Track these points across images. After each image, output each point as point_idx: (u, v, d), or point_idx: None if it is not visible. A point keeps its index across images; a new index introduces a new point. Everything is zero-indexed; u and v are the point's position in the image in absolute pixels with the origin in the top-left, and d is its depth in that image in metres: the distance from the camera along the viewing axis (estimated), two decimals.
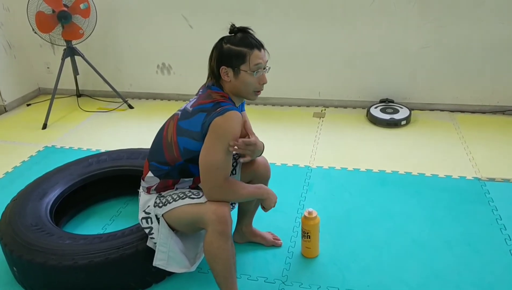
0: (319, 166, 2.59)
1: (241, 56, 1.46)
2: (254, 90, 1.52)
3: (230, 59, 1.47)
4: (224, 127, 1.44)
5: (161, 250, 1.58)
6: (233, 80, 1.50)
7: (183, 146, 1.52)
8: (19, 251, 1.64)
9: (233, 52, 1.47)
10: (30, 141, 3.12)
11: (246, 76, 1.48)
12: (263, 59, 1.49)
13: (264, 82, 1.52)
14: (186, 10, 3.36)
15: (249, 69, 1.47)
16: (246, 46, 1.47)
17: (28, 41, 3.77)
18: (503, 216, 2.05)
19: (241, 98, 1.57)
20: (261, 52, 1.49)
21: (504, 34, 2.94)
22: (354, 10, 3.10)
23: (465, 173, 2.43)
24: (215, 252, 1.47)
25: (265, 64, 1.51)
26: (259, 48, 1.49)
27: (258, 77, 1.50)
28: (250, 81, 1.49)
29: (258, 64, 1.47)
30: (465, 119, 3.11)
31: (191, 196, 1.53)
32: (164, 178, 1.60)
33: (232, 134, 1.45)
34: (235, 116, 1.46)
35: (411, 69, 3.20)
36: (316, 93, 3.47)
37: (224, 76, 1.50)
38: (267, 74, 1.54)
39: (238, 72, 1.48)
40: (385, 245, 1.91)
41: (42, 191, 1.99)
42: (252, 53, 1.47)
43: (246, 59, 1.46)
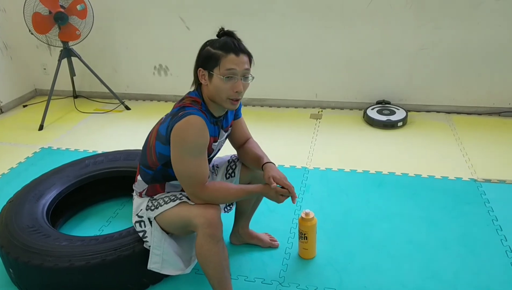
0: (316, 167, 2.59)
1: (215, 59, 1.40)
2: (228, 98, 1.43)
3: (206, 62, 1.43)
4: (182, 134, 1.40)
5: (155, 253, 1.57)
6: (209, 84, 1.44)
7: (158, 150, 1.52)
8: (16, 252, 1.63)
9: (210, 55, 1.42)
10: (27, 142, 3.11)
11: (217, 81, 1.41)
12: (238, 65, 1.40)
13: (237, 90, 1.41)
14: (183, 11, 3.36)
15: (219, 73, 1.40)
16: (223, 49, 1.40)
17: (24, 42, 3.76)
18: (499, 217, 2.06)
19: (219, 105, 1.48)
20: (238, 57, 1.40)
21: (500, 36, 2.96)
22: (351, 12, 3.11)
23: (461, 174, 2.44)
24: (206, 256, 1.47)
25: (242, 71, 1.41)
26: (237, 53, 1.40)
27: (230, 83, 1.41)
28: (221, 86, 1.41)
29: (231, 69, 1.39)
30: (461, 121, 3.12)
31: (182, 198, 1.52)
32: (151, 183, 1.61)
33: (190, 141, 1.40)
34: (194, 121, 1.39)
35: (408, 70, 3.21)
36: (313, 95, 3.47)
37: (201, 78, 1.46)
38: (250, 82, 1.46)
39: (212, 76, 1.42)
40: (382, 246, 1.92)
41: (38, 192, 1.98)
42: (226, 57, 1.39)
43: (219, 62, 1.39)
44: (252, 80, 1.49)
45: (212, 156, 1.66)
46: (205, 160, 1.49)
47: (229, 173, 1.75)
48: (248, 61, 1.45)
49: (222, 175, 1.76)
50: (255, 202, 1.85)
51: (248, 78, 1.46)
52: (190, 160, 1.43)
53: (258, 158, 1.64)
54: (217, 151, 1.65)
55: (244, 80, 1.44)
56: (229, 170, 1.75)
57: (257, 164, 1.64)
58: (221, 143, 1.66)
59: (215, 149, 1.62)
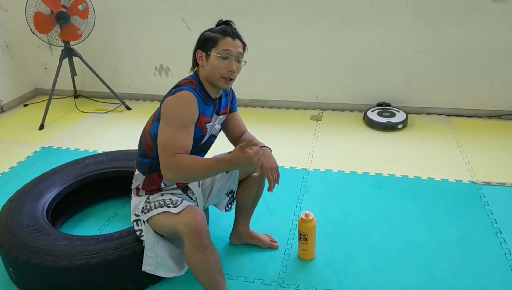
0: (316, 169, 2.59)
1: (212, 41, 1.51)
2: (222, 76, 1.53)
3: (204, 44, 1.53)
4: (170, 105, 1.48)
5: (149, 256, 1.58)
6: (206, 64, 1.54)
7: (153, 132, 1.56)
8: (15, 251, 1.63)
9: (208, 37, 1.53)
10: (27, 141, 3.11)
11: (214, 60, 1.51)
12: (234, 47, 1.52)
13: (232, 69, 1.52)
14: (184, 12, 3.36)
15: (217, 52, 1.50)
16: (221, 33, 1.52)
17: (25, 42, 3.76)
18: (499, 220, 2.06)
19: (214, 86, 1.56)
20: (234, 41, 1.52)
21: (500, 40, 2.97)
22: (351, 14, 3.11)
23: (461, 176, 2.44)
24: (194, 264, 1.47)
25: (236, 54, 1.52)
26: (233, 37, 1.52)
27: (225, 62, 1.51)
28: (217, 64, 1.51)
29: (227, 50, 1.50)
30: (461, 123, 3.13)
31: (169, 205, 1.52)
32: (149, 172, 1.62)
33: (176, 111, 1.47)
34: (183, 95, 1.48)
35: (408, 73, 3.22)
36: (313, 96, 3.48)
37: (199, 60, 1.56)
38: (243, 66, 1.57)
39: (209, 56, 1.52)
40: (381, 248, 1.92)
41: (38, 191, 1.99)
42: (224, 39, 1.51)
43: (217, 43, 1.51)
44: (244, 64, 1.59)
45: (206, 140, 1.64)
46: (188, 135, 1.50)
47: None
48: (242, 46, 1.56)
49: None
50: (254, 198, 1.85)
51: (241, 62, 1.57)
52: (171, 129, 1.47)
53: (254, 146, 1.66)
54: (210, 135, 1.65)
55: (237, 63, 1.55)
56: None
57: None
58: (215, 128, 1.66)
59: (209, 131, 1.62)
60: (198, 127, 1.55)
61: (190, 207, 1.49)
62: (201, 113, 1.53)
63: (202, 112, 1.55)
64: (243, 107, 3.61)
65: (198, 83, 1.56)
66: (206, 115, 1.58)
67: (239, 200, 1.85)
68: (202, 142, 1.62)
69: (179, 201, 1.53)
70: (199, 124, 1.55)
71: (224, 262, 1.86)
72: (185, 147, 1.49)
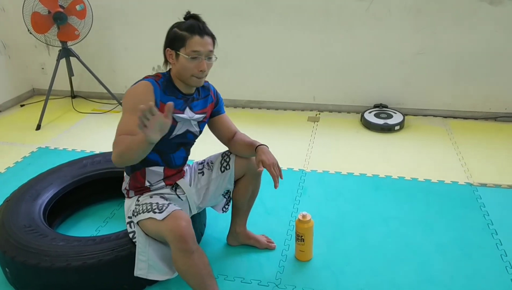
0: (313, 170, 2.60)
1: (181, 40, 1.50)
2: (192, 75, 1.52)
3: (173, 42, 1.52)
4: (126, 94, 1.52)
5: (140, 259, 1.57)
6: (176, 63, 1.53)
7: None
8: (12, 252, 1.63)
9: (176, 36, 1.51)
10: (24, 141, 3.10)
11: (184, 60, 1.50)
12: (203, 46, 1.49)
13: (201, 69, 1.51)
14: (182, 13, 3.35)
15: (185, 53, 1.49)
16: (189, 31, 1.50)
17: (23, 42, 3.75)
18: (495, 221, 2.07)
19: (186, 84, 1.57)
20: (202, 38, 1.49)
21: (497, 42, 2.98)
22: (349, 16, 3.12)
23: (457, 178, 2.45)
24: (182, 270, 1.48)
25: (206, 52, 1.50)
26: (201, 35, 1.50)
27: (195, 63, 1.50)
28: (186, 65, 1.50)
29: (196, 50, 1.48)
30: (457, 125, 3.14)
31: (154, 210, 1.51)
32: (132, 171, 1.63)
33: (128, 96, 1.50)
34: (139, 84, 1.51)
35: (405, 74, 3.23)
36: (310, 98, 3.48)
37: (169, 58, 1.55)
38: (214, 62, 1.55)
39: (178, 56, 1.51)
40: (378, 249, 1.92)
41: (35, 192, 1.98)
42: (192, 39, 1.49)
43: (185, 43, 1.49)
44: (215, 60, 1.57)
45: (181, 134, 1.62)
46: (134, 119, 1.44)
47: (223, 166, 1.77)
48: (211, 42, 1.54)
49: (217, 169, 1.78)
50: (250, 198, 1.85)
51: (211, 59, 1.55)
52: (124, 116, 1.50)
53: (250, 144, 1.68)
54: (186, 131, 1.63)
55: (207, 60, 1.53)
56: (224, 163, 1.77)
57: (250, 150, 1.67)
58: (191, 125, 1.64)
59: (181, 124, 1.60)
60: None
61: (174, 213, 1.47)
62: (160, 101, 1.51)
63: (164, 101, 1.50)
64: (240, 108, 3.61)
65: (166, 78, 1.57)
66: (175, 108, 1.55)
67: (236, 200, 1.86)
68: (174, 134, 1.59)
69: (165, 205, 1.52)
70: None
71: (221, 263, 1.86)
72: (131, 130, 1.42)
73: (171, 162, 1.68)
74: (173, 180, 1.71)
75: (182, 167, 1.75)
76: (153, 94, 1.51)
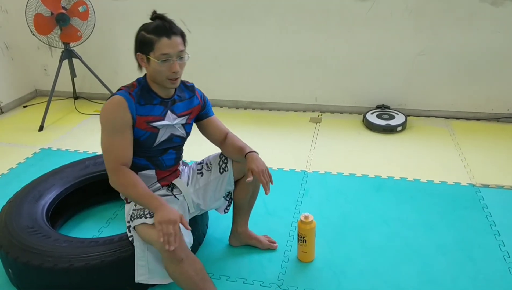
0: (315, 171, 2.60)
1: (149, 44, 1.47)
2: (167, 78, 1.50)
3: (142, 46, 1.50)
4: (102, 111, 1.50)
5: (140, 264, 1.56)
6: (148, 67, 1.52)
7: None
8: (15, 253, 1.63)
9: (145, 40, 1.48)
10: (27, 143, 3.11)
11: (155, 64, 1.48)
12: (173, 47, 1.46)
13: (174, 70, 1.48)
14: (184, 14, 3.37)
15: (155, 57, 1.47)
16: (155, 33, 1.46)
17: (25, 43, 3.77)
18: (497, 222, 2.07)
19: (162, 86, 1.55)
20: (170, 40, 1.46)
21: (498, 43, 2.98)
22: (351, 17, 3.12)
23: (460, 179, 2.45)
24: (174, 277, 1.48)
25: (176, 53, 1.47)
26: (168, 35, 1.46)
27: (166, 66, 1.47)
28: (158, 69, 1.48)
29: (165, 53, 1.46)
30: (460, 126, 3.14)
31: (146, 215, 1.51)
32: None
33: (104, 117, 1.49)
34: (113, 99, 1.50)
35: (407, 75, 3.23)
36: (312, 99, 3.48)
37: (141, 62, 1.53)
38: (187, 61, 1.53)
39: (149, 60, 1.49)
40: (380, 250, 1.92)
41: (38, 193, 1.99)
42: (159, 42, 1.45)
43: (153, 47, 1.46)
44: (188, 59, 1.53)
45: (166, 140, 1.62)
46: (124, 139, 1.50)
47: (222, 168, 1.76)
48: (181, 42, 1.50)
49: (216, 171, 1.77)
50: (251, 198, 1.85)
51: (183, 58, 1.52)
52: (106, 136, 1.50)
53: (239, 149, 1.68)
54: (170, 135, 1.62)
55: (180, 60, 1.50)
56: (222, 165, 1.76)
57: (240, 155, 1.67)
58: (176, 129, 1.63)
59: (164, 130, 1.59)
60: (140, 129, 1.53)
61: None
62: (136, 115, 1.51)
63: (141, 113, 1.52)
64: (242, 109, 3.61)
65: (142, 84, 1.56)
66: (150, 115, 1.55)
67: (236, 200, 1.85)
68: (158, 141, 1.59)
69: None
70: (138, 125, 1.53)
71: (223, 264, 1.87)
72: (125, 155, 1.51)
73: (161, 164, 1.67)
74: (169, 180, 1.71)
75: (175, 167, 1.73)
76: (128, 110, 1.49)
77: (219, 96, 3.64)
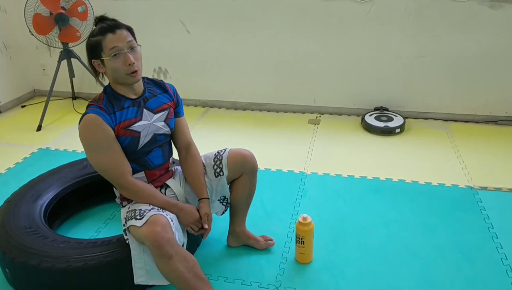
0: (313, 173, 2.60)
1: (97, 46, 1.47)
2: (126, 73, 1.49)
3: (93, 52, 1.50)
4: (80, 134, 1.51)
5: (137, 266, 1.54)
6: (106, 70, 1.52)
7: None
8: (12, 253, 1.63)
9: (92, 44, 1.49)
10: (24, 142, 3.10)
11: (109, 63, 1.47)
12: (120, 40, 1.46)
13: (129, 62, 1.47)
14: (184, 15, 3.37)
15: (106, 55, 1.46)
16: (100, 34, 1.47)
17: (24, 43, 3.76)
18: (495, 225, 2.07)
19: (125, 84, 1.54)
20: (115, 34, 1.46)
21: (497, 45, 2.99)
22: (350, 19, 3.13)
23: (458, 181, 2.45)
24: (165, 274, 1.47)
25: (126, 45, 1.47)
26: (113, 31, 1.46)
27: (120, 59, 1.47)
28: (114, 66, 1.47)
29: (113, 47, 1.45)
30: (458, 128, 3.14)
31: (136, 217, 1.50)
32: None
33: (85, 138, 1.50)
34: (86, 120, 1.49)
35: (406, 77, 3.24)
36: (311, 100, 3.49)
37: (99, 68, 1.53)
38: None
39: (103, 61, 1.49)
40: (379, 252, 1.92)
41: (36, 193, 1.98)
42: (106, 39, 1.46)
43: (102, 46, 1.47)
44: (140, 49, 1.53)
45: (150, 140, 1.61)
46: (116, 151, 1.51)
47: (217, 172, 1.74)
48: (128, 34, 1.51)
49: (211, 173, 1.75)
50: (247, 196, 1.84)
51: (135, 49, 1.51)
52: (97, 154, 1.50)
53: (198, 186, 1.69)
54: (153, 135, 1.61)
55: (132, 52, 1.49)
56: (217, 169, 1.74)
57: (195, 189, 1.70)
58: (157, 127, 1.62)
59: (145, 131, 1.58)
60: (119, 136, 1.53)
61: (152, 218, 1.45)
62: (114, 126, 1.51)
63: (117, 121, 1.52)
64: (241, 110, 3.61)
65: (107, 93, 1.55)
66: (125, 119, 1.54)
67: (233, 200, 1.84)
68: (142, 143, 1.58)
69: (147, 211, 1.50)
70: (117, 133, 1.52)
71: (221, 265, 1.86)
72: (123, 165, 1.54)
73: (149, 165, 1.65)
74: (162, 181, 1.70)
75: (165, 165, 1.71)
76: (105, 124, 1.49)
77: (218, 97, 3.64)
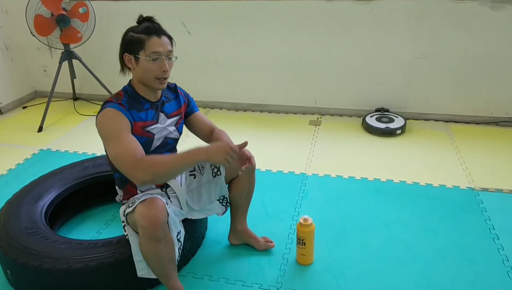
0: (314, 174, 2.60)
1: (139, 43, 1.49)
2: (156, 77, 1.52)
3: (130, 46, 1.51)
4: (99, 125, 1.50)
5: (137, 260, 1.56)
6: (136, 68, 1.53)
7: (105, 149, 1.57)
8: (13, 254, 1.63)
9: (133, 39, 1.51)
10: (26, 143, 3.11)
11: (145, 63, 1.50)
12: (163, 46, 1.50)
13: (164, 69, 1.51)
14: (184, 16, 3.37)
15: (145, 55, 1.49)
16: (146, 33, 1.50)
17: (25, 44, 3.77)
18: (496, 226, 2.07)
19: (149, 87, 1.56)
20: (160, 39, 1.50)
21: (498, 47, 2.98)
22: (351, 20, 3.13)
23: (459, 182, 2.45)
24: (146, 254, 1.49)
25: (166, 52, 1.51)
26: (159, 35, 1.51)
27: (157, 64, 1.50)
28: (148, 67, 1.50)
29: (156, 51, 1.49)
30: (459, 130, 3.14)
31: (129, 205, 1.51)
32: (122, 186, 1.65)
33: (105, 128, 1.48)
34: (106, 112, 1.49)
35: (407, 79, 3.24)
36: (312, 101, 3.49)
37: (128, 63, 1.54)
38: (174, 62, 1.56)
39: (138, 59, 1.51)
40: (380, 253, 1.92)
41: (37, 194, 1.98)
42: (150, 40, 1.49)
43: (144, 45, 1.49)
44: (175, 60, 1.58)
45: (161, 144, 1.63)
46: (128, 138, 1.48)
47: (214, 172, 1.77)
48: (170, 43, 1.55)
49: (208, 174, 1.78)
50: (247, 194, 1.85)
51: (171, 59, 1.56)
52: (114, 142, 1.47)
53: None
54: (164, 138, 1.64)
55: (168, 60, 1.54)
56: (214, 169, 1.77)
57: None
58: (169, 131, 1.65)
59: (158, 134, 1.61)
60: (136, 134, 1.53)
61: (150, 199, 1.46)
62: (132, 121, 1.52)
63: (135, 119, 1.54)
64: (242, 111, 3.62)
65: (129, 92, 1.56)
66: (143, 120, 1.57)
67: (233, 198, 1.85)
68: (154, 145, 1.62)
69: (148, 197, 1.50)
70: (135, 131, 1.53)
71: (222, 266, 1.86)
72: (139, 148, 1.47)
73: None
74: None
75: None
76: (124, 116, 1.50)
77: (219, 98, 3.65)
